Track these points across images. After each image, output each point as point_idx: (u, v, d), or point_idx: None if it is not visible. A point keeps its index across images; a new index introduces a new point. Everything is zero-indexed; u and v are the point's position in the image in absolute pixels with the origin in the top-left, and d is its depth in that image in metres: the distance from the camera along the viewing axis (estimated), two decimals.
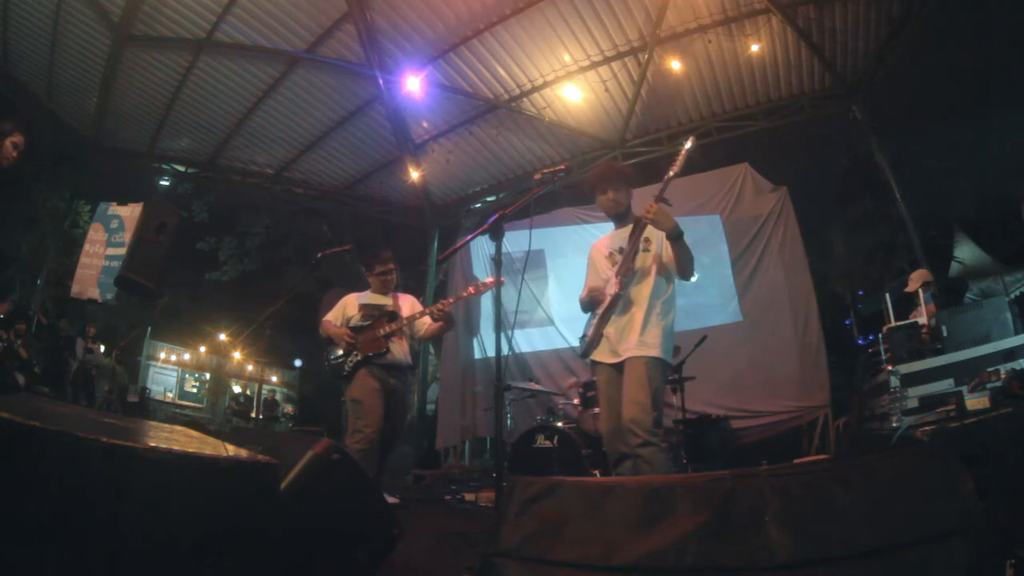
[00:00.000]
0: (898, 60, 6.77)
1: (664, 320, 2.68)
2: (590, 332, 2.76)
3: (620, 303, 2.69)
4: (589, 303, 2.83)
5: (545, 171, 3.01)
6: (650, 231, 2.74)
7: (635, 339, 2.61)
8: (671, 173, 2.69)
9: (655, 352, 2.59)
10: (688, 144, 2.71)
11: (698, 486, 1.54)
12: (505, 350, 2.46)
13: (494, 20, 6.65)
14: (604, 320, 2.72)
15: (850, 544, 1.29)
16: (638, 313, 2.66)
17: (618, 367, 2.65)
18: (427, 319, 3.84)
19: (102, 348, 9.22)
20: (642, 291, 2.69)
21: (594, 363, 2.80)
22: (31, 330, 7.65)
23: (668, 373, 2.70)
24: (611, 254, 2.85)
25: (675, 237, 2.61)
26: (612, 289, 2.69)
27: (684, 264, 2.67)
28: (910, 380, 4.63)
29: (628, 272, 2.71)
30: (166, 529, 1.13)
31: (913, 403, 4.22)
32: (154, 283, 6.24)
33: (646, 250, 2.76)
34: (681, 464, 5.05)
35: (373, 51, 6.88)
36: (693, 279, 2.77)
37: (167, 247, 6.32)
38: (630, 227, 2.81)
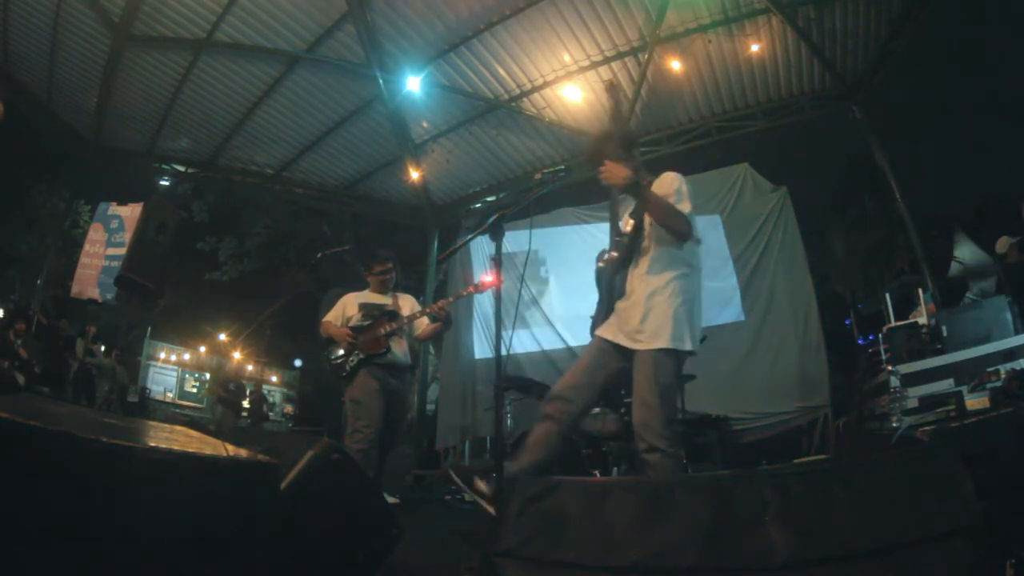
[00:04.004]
0: (898, 60, 6.77)
1: (674, 301, 2.33)
2: (597, 307, 2.58)
3: (620, 282, 2.44)
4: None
5: (545, 171, 2.99)
6: (658, 189, 2.46)
7: (638, 328, 2.34)
8: (610, 123, 2.47)
9: (661, 343, 2.29)
10: (611, 81, 2.57)
11: (698, 486, 1.54)
12: (505, 350, 2.45)
13: (494, 20, 6.64)
14: (605, 297, 2.50)
15: (850, 544, 1.29)
16: (639, 293, 2.38)
17: (617, 347, 2.40)
18: (425, 319, 3.84)
19: (102, 348, 9.22)
20: (643, 270, 2.39)
21: (594, 336, 2.53)
22: (31, 330, 7.64)
23: (682, 362, 2.40)
24: (627, 222, 2.57)
25: (630, 191, 2.31)
26: (609, 257, 2.48)
27: (664, 220, 2.33)
28: (910, 380, 4.63)
29: (630, 248, 2.45)
30: (166, 529, 1.13)
31: (913, 403, 4.23)
32: (154, 283, 6.26)
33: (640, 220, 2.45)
34: (681, 464, 5.05)
35: (373, 51, 6.87)
36: (695, 239, 2.42)
37: (167, 247, 6.34)
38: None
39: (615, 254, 2.50)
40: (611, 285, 2.48)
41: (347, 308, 3.87)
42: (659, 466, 2.23)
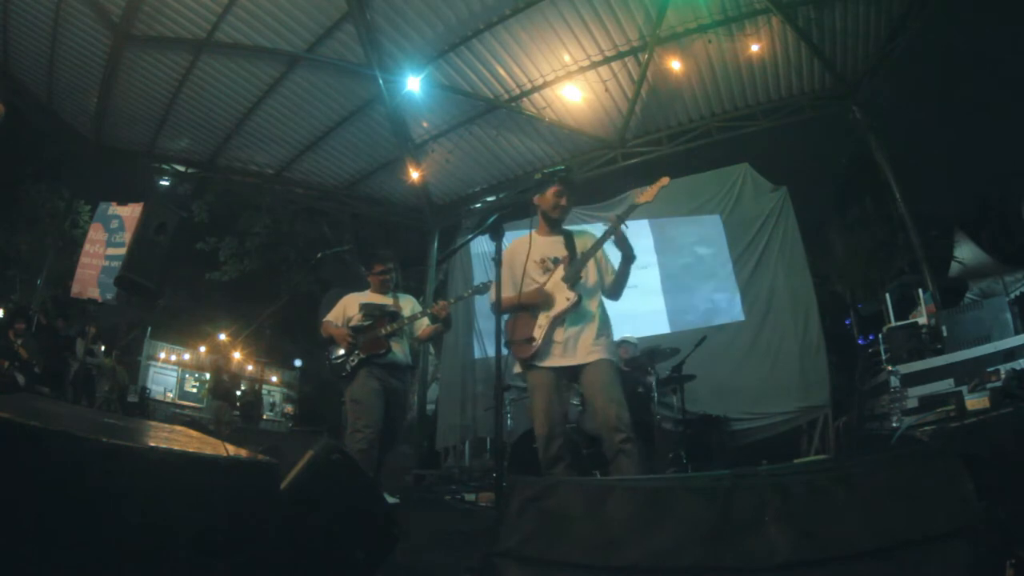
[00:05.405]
0: (898, 60, 6.77)
1: (612, 332, 2.92)
2: (539, 334, 2.80)
3: (572, 312, 2.80)
4: (522, 306, 2.86)
5: (545, 171, 3.03)
6: (585, 245, 2.91)
7: (593, 344, 2.77)
8: (639, 201, 2.85)
9: (612, 356, 2.83)
10: (665, 182, 2.87)
11: (698, 486, 1.54)
12: (505, 350, 2.53)
13: (494, 20, 6.64)
14: (554, 326, 2.81)
15: (850, 544, 1.29)
16: (593, 323, 2.82)
17: (563, 371, 2.78)
18: (425, 320, 3.84)
19: (102, 348, 9.22)
20: (593, 303, 2.88)
21: (533, 368, 2.83)
22: (31, 330, 7.64)
23: None
24: (543, 260, 2.93)
25: (630, 259, 2.83)
26: (571, 296, 2.78)
27: (622, 284, 2.93)
28: (910, 380, 4.63)
29: (578, 282, 2.82)
30: (166, 529, 1.13)
31: (913, 403, 4.23)
32: (154, 283, 6.25)
33: (586, 266, 2.90)
34: (681, 464, 5.06)
35: (373, 51, 6.87)
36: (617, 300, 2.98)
37: (167, 247, 6.34)
38: (559, 238, 2.96)
39: (573, 293, 2.81)
40: (557, 318, 2.81)
41: (348, 308, 3.87)
42: (636, 454, 2.55)
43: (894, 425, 4.46)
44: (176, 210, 6.94)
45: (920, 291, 6.23)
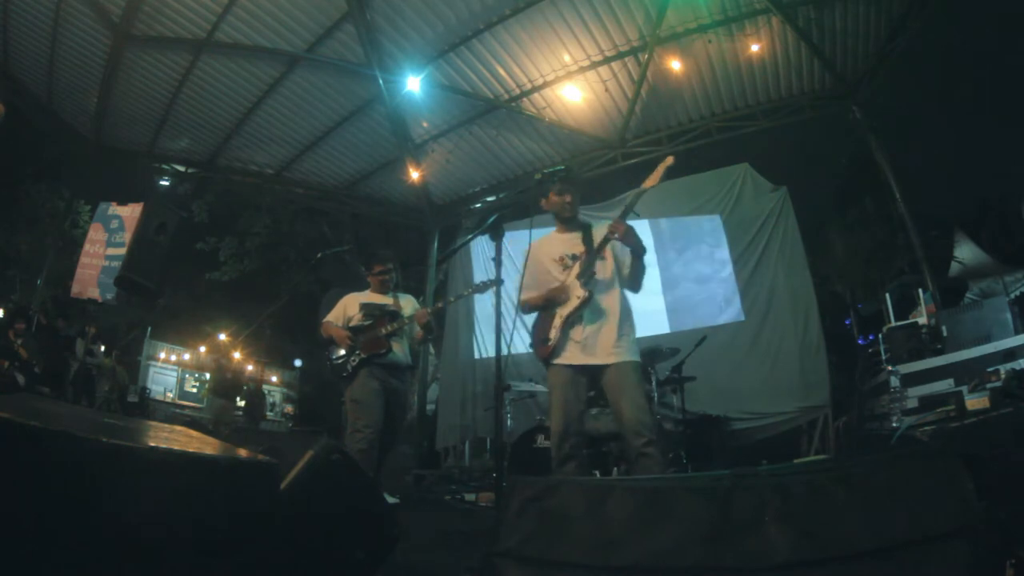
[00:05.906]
0: (899, 60, 6.77)
1: (634, 328, 2.84)
2: (553, 335, 2.79)
3: (587, 308, 2.75)
4: (543, 305, 2.87)
5: (545, 171, 3.03)
6: (601, 236, 2.84)
7: (615, 344, 2.72)
8: (646, 186, 2.76)
9: (635, 356, 2.76)
10: (670, 161, 2.79)
11: (698, 486, 1.54)
12: (504, 350, 2.55)
13: (494, 20, 6.64)
14: (569, 324, 2.78)
15: (850, 544, 1.29)
16: (612, 319, 2.76)
17: (582, 369, 2.75)
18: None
19: (102, 348, 9.22)
20: (610, 298, 2.81)
21: (551, 366, 2.82)
22: (31, 330, 7.64)
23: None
24: (562, 258, 2.91)
25: (640, 254, 2.78)
26: (581, 293, 2.75)
27: (639, 277, 2.86)
28: (910, 380, 4.63)
29: (591, 278, 2.78)
30: (165, 529, 1.13)
31: (913, 403, 4.23)
32: (154, 283, 6.26)
33: (602, 259, 2.84)
34: (681, 464, 5.06)
35: (373, 51, 6.87)
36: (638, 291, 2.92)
37: (167, 247, 6.35)
38: (577, 234, 2.93)
39: (585, 290, 2.76)
40: (572, 315, 2.77)
41: (348, 308, 3.87)
42: (658, 455, 2.57)
43: (894, 425, 4.46)
44: (176, 210, 6.96)
45: (920, 291, 6.23)
